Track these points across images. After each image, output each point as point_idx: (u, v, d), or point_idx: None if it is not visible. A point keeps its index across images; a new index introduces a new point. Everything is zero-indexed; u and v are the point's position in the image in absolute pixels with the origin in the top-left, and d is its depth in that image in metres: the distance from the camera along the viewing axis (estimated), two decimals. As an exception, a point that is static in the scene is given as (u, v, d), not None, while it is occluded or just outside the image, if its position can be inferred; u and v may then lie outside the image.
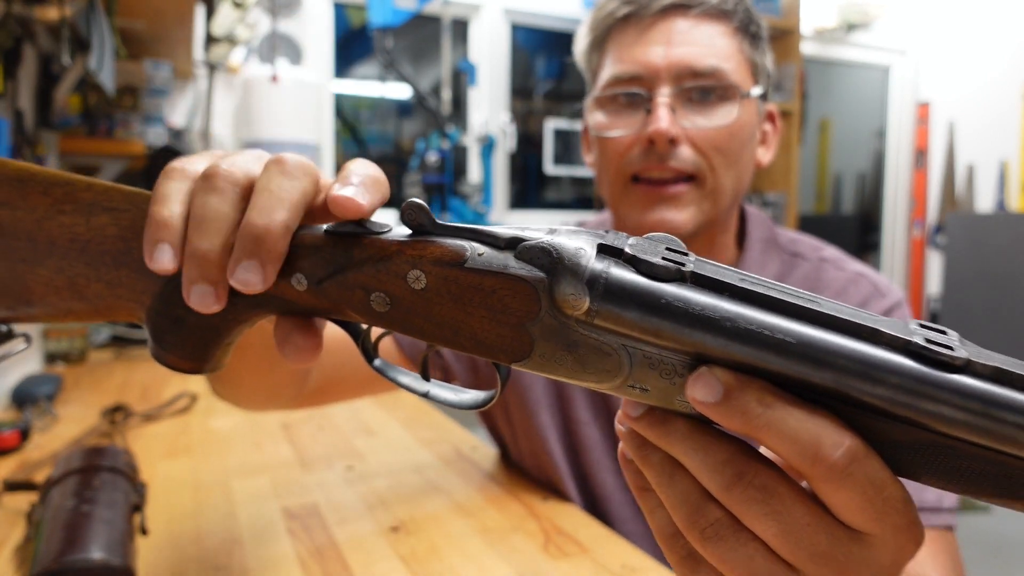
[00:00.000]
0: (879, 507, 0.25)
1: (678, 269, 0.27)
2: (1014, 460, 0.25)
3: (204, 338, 0.35)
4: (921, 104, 4.46)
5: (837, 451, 0.25)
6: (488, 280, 0.29)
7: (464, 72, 3.36)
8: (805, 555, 0.26)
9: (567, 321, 0.28)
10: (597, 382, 0.29)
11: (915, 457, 0.26)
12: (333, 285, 0.32)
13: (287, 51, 2.98)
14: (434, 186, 3.12)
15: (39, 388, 1.19)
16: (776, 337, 0.26)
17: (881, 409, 0.25)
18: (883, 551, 0.27)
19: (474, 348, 0.31)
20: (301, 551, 0.69)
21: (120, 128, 2.20)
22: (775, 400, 0.25)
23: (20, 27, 1.37)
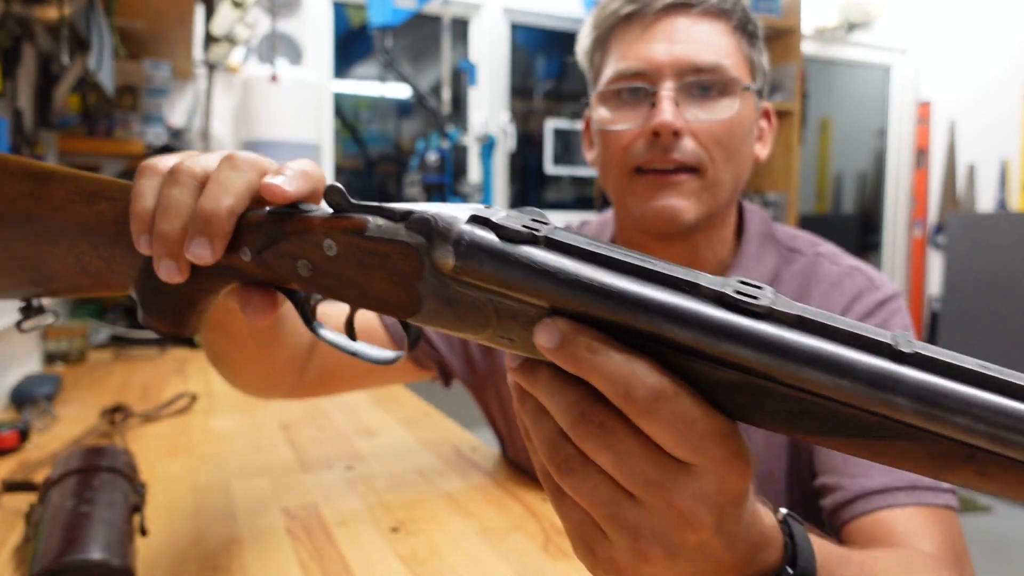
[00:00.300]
0: (693, 440, 0.29)
1: (531, 233, 0.31)
2: (817, 399, 0.27)
3: (179, 305, 0.43)
4: (922, 103, 4.46)
5: (642, 390, 0.28)
6: (384, 246, 0.35)
7: (464, 72, 3.36)
8: (638, 482, 0.30)
9: (444, 279, 0.33)
10: (474, 333, 0.33)
11: (738, 398, 0.29)
12: (270, 255, 0.39)
13: (287, 51, 2.98)
14: (434, 186, 3.12)
15: (38, 388, 1.19)
16: (604, 288, 0.29)
17: (692, 350, 0.28)
18: (707, 480, 0.30)
19: (377, 306, 0.36)
20: (301, 551, 0.69)
21: (119, 128, 2.20)
22: (601, 345, 0.29)
23: (19, 27, 1.37)
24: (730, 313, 0.28)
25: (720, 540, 0.32)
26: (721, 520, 0.31)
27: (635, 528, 0.31)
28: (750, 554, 0.35)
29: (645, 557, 0.31)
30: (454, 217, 0.33)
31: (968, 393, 0.26)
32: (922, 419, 0.26)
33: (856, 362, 0.27)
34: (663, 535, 0.31)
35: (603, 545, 0.32)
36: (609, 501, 0.31)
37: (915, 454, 0.27)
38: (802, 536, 0.38)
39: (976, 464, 0.26)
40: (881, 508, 0.63)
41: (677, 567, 0.32)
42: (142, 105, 2.31)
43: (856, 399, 0.27)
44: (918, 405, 0.26)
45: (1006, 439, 0.25)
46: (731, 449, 0.29)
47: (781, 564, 0.36)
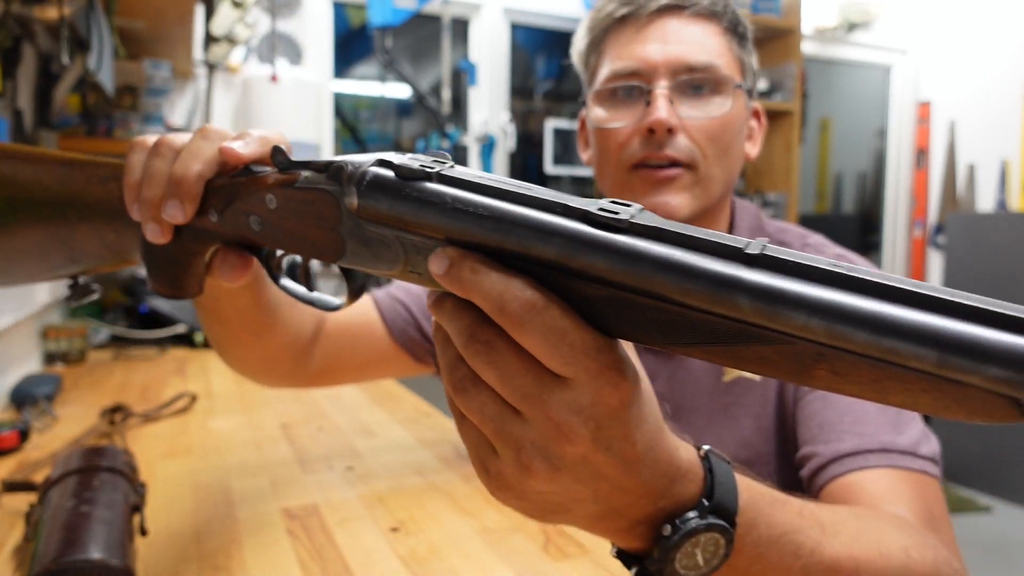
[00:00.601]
0: (565, 352, 0.30)
1: (424, 171, 0.33)
2: (673, 307, 0.28)
3: (173, 269, 0.49)
4: (922, 103, 4.46)
5: (514, 303, 0.30)
6: (310, 195, 0.39)
7: (464, 72, 3.36)
8: (519, 396, 0.32)
9: (357, 220, 0.36)
10: (389, 270, 0.36)
11: (608, 312, 0.30)
12: (229, 213, 0.44)
13: (287, 51, 2.98)
14: (434, 186, 3.12)
15: (38, 388, 1.19)
16: (477, 211, 0.31)
17: (559, 265, 0.30)
18: (581, 392, 0.31)
19: (312, 252, 0.40)
20: (301, 551, 0.68)
21: (119, 128, 2.20)
22: (482, 267, 0.31)
23: (19, 27, 1.36)
24: (591, 228, 0.29)
25: (606, 457, 0.32)
26: (598, 433, 0.32)
27: (518, 441, 0.32)
28: (661, 484, 0.36)
29: (528, 470, 0.33)
30: (363, 162, 0.36)
31: (805, 290, 0.26)
32: (764, 318, 0.26)
33: (701, 265, 0.28)
34: (543, 447, 0.32)
35: (494, 461, 0.34)
36: (496, 416, 0.33)
37: (773, 358, 0.27)
38: (724, 472, 0.38)
39: (828, 363, 0.26)
40: (852, 470, 0.63)
41: (561, 481, 0.33)
42: (142, 105, 2.31)
43: (703, 302, 0.27)
44: (758, 303, 0.26)
45: (841, 332, 0.25)
46: (604, 362, 0.31)
47: (699, 497, 0.37)
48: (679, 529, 0.36)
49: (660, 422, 0.35)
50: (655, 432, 0.34)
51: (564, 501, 0.35)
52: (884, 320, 0.25)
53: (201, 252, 0.48)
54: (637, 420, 0.33)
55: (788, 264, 0.27)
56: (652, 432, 0.34)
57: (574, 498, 0.34)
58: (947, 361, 0.24)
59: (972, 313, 0.24)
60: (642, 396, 0.33)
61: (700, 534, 0.37)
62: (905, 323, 0.24)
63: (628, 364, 0.32)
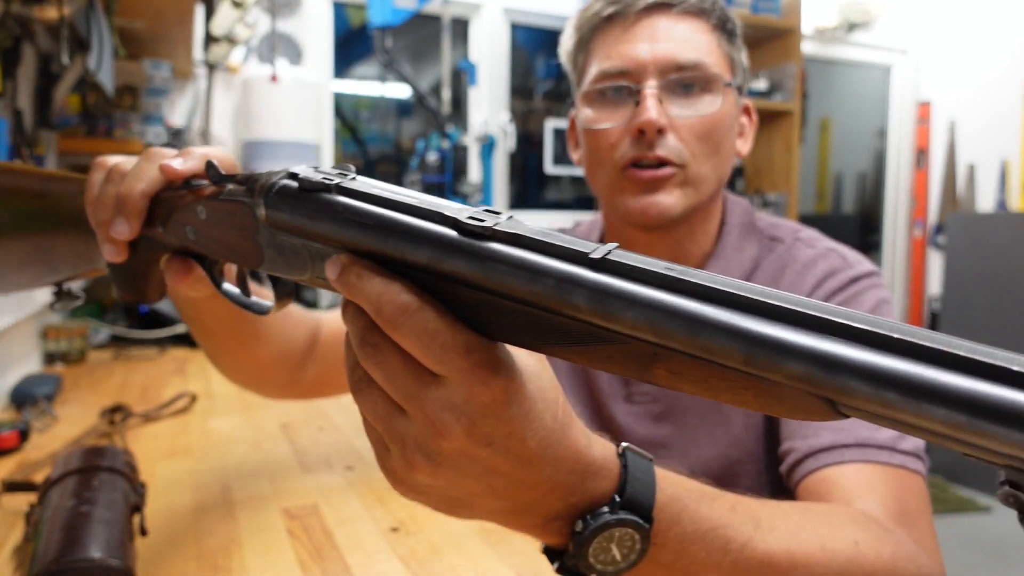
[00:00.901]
0: (437, 352, 0.31)
1: (323, 182, 0.35)
2: (532, 309, 0.30)
3: (133, 277, 0.53)
4: (922, 103, 4.46)
5: (389, 306, 0.32)
6: (231, 206, 0.42)
7: (464, 72, 3.36)
8: (401, 395, 0.33)
9: (269, 229, 0.38)
10: (300, 276, 0.38)
11: (481, 314, 0.32)
12: (171, 224, 0.47)
13: (287, 51, 2.98)
14: (434, 186, 3.12)
15: (38, 388, 1.19)
16: (359, 219, 0.33)
17: (430, 269, 0.32)
18: (454, 390, 0.32)
19: (237, 259, 0.42)
20: (301, 551, 0.69)
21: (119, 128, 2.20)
22: (367, 272, 0.32)
23: (19, 27, 1.37)
24: (458, 234, 0.31)
25: (490, 452, 0.33)
26: (472, 429, 0.32)
27: (403, 438, 0.34)
28: (571, 480, 0.36)
29: (412, 465, 0.34)
30: (275, 174, 0.38)
31: (634, 290, 0.28)
32: (600, 317, 0.28)
33: (546, 267, 0.29)
34: (423, 443, 0.33)
35: (387, 457, 0.36)
36: (385, 415, 0.34)
37: (618, 357, 0.29)
38: (641, 469, 0.39)
39: (663, 363, 0.28)
40: (828, 465, 0.63)
41: (445, 476, 0.34)
42: (142, 105, 2.31)
43: (550, 302, 0.29)
44: (593, 304, 0.28)
45: (664, 330, 0.27)
46: (475, 361, 0.32)
47: (613, 493, 0.38)
48: (590, 524, 0.37)
49: (563, 420, 0.36)
50: (555, 430, 0.35)
51: (462, 495, 0.36)
52: (699, 319, 0.26)
53: (156, 261, 0.51)
54: (522, 418, 0.33)
55: (625, 267, 0.28)
56: (549, 430, 0.35)
57: (470, 492, 0.35)
58: (753, 358, 0.25)
59: (780, 314, 0.25)
60: (527, 395, 0.34)
61: (613, 529, 0.37)
62: (717, 322, 0.26)
63: (503, 364, 0.33)
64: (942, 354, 0.23)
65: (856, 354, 0.24)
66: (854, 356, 0.24)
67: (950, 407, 0.22)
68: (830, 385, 0.24)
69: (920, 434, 0.23)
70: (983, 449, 0.22)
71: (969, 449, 0.23)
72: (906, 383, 0.23)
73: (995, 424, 0.21)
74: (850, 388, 0.24)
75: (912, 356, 0.23)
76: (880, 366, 0.23)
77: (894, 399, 0.23)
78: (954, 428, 0.22)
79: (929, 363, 0.23)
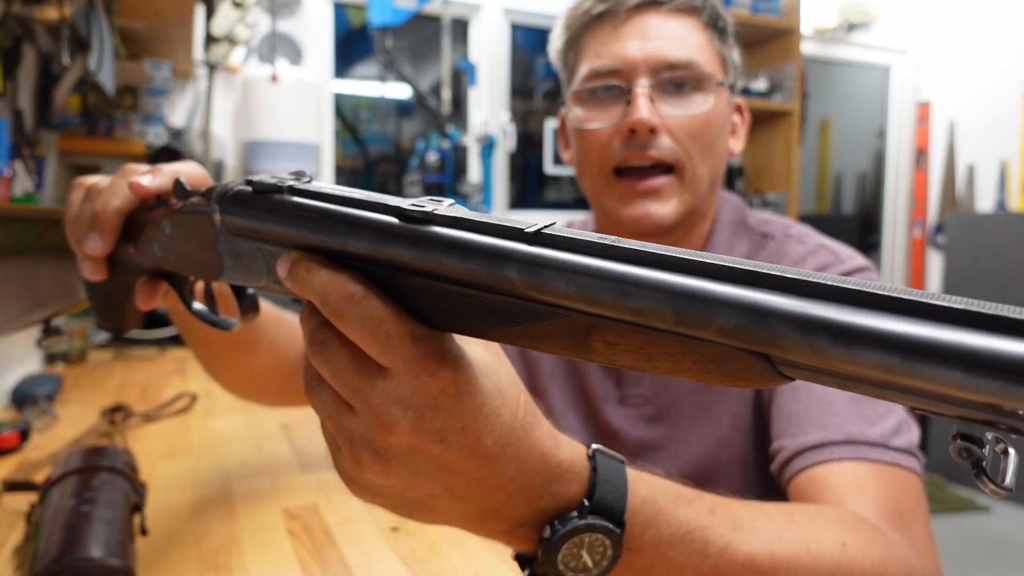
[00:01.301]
0: (381, 340, 0.31)
1: (276, 185, 0.35)
2: (469, 291, 0.29)
3: (110, 303, 0.53)
4: (921, 104, 4.46)
5: (335, 295, 0.31)
6: (192, 217, 0.42)
7: (464, 72, 3.36)
8: (348, 390, 0.33)
9: (227, 236, 0.39)
10: (257, 282, 0.38)
11: (423, 301, 0.31)
12: (141, 243, 0.48)
13: (287, 51, 2.98)
14: (434, 186, 3.12)
15: (39, 388, 1.19)
16: (302, 214, 0.33)
17: (372, 259, 0.31)
18: (400, 382, 0.31)
19: (199, 271, 0.43)
20: (301, 551, 0.69)
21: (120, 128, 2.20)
22: (315, 266, 0.32)
23: (20, 27, 1.37)
24: (398, 221, 0.31)
25: (442, 449, 0.32)
26: (420, 423, 0.32)
27: (351, 435, 0.33)
28: (535, 483, 0.35)
29: (360, 462, 0.33)
30: (232, 183, 0.38)
31: (566, 258, 0.27)
32: (534, 290, 0.28)
33: (478, 243, 0.29)
34: (370, 439, 0.33)
35: (338, 456, 0.35)
36: (335, 413, 0.34)
37: (557, 334, 0.28)
38: (612, 472, 0.37)
39: (599, 334, 0.27)
40: (817, 463, 0.61)
41: (396, 474, 0.33)
42: (142, 105, 2.31)
43: (484, 278, 0.29)
44: (525, 276, 0.28)
45: (594, 297, 0.26)
46: (421, 351, 0.31)
47: (581, 497, 0.37)
48: (558, 530, 0.36)
49: (524, 419, 0.34)
50: (514, 428, 0.34)
51: (420, 497, 0.34)
52: (626, 280, 0.26)
53: (130, 284, 0.51)
54: (475, 413, 0.32)
55: (558, 239, 0.28)
56: (508, 427, 0.34)
57: (428, 493, 0.34)
58: (682, 316, 0.25)
59: (708, 270, 0.25)
60: (480, 389, 0.33)
61: (583, 534, 0.36)
62: (644, 280, 0.25)
63: (451, 355, 0.32)
64: (874, 297, 0.22)
65: (784, 302, 0.23)
66: (782, 303, 0.23)
67: (882, 349, 0.21)
68: (762, 336, 0.23)
69: (858, 387, 0.23)
70: (924, 397, 0.21)
71: (913, 400, 0.22)
72: (835, 327, 0.22)
73: (930, 364, 0.20)
74: (781, 338, 0.23)
75: (842, 301, 0.22)
76: (809, 312, 0.23)
77: (825, 345, 0.22)
78: (888, 371, 0.21)
79: (860, 307, 0.22)
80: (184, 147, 2.50)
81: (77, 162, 2.22)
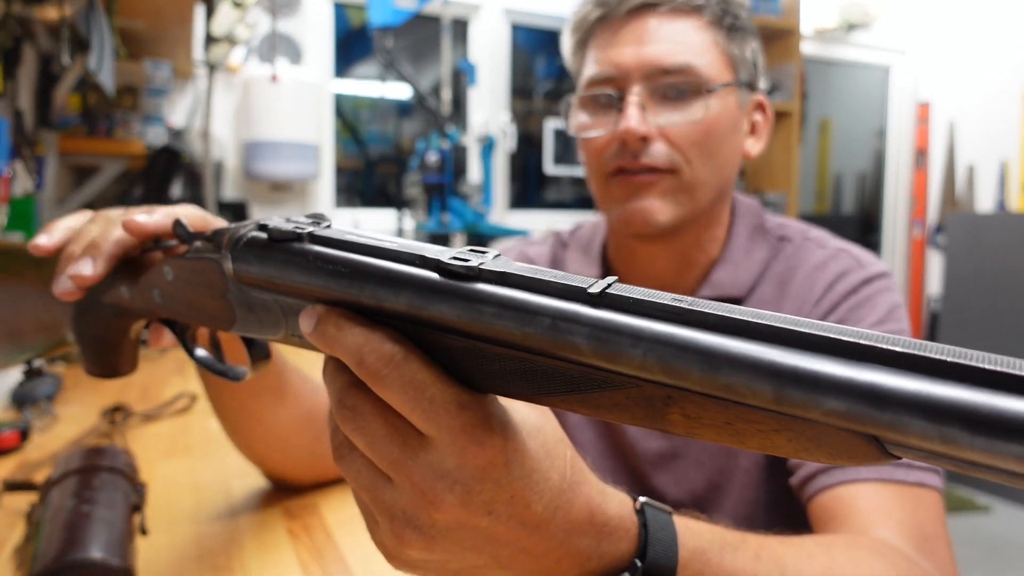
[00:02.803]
0: (425, 407, 0.29)
1: (294, 231, 0.33)
2: (524, 355, 0.27)
3: (102, 348, 0.49)
4: (921, 104, 4.46)
5: (372, 356, 0.29)
6: (199, 264, 0.39)
7: (464, 72, 3.36)
8: (386, 463, 0.30)
9: (240, 286, 0.36)
10: (273, 335, 0.36)
11: (468, 364, 0.29)
12: (136, 289, 0.44)
13: (287, 51, 2.98)
14: (434, 186, 3.12)
15: (39, 388, 1.19)
16: (336, 268, 0.31)
17: (413, 317, 0.29)
18: (445, 453, 0.29)
19: (207, 321, 0.40)
20: (301, 551, 0.69)
21: (120, 128, 2.20)
22: (345, 322, 0.30)
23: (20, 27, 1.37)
24: (440, 277, 0.29)
25: (491, 521, 0.30)
26: (468, 497, 0.29)
27: (391, 510, 0.31)
28: (584, 544, 0.33)
29: (402, 539, 0.31)
30: (243, 227, 0.35)
31: (640, 325, 0.25)
32: (603, 359, 0.25)
33: (538, 306, 0.26)
34: (413, 516, 0.31)
35: (376, 530, 0.33)
36: (370, 485, 0.32)
37: (625, 404, 0.26)
38: (662, 526, 0.36)
39: (678, 406, 0.25)
40: (842, 483, 0.60)
41: (442, 549, 0.31)
42: (142, 105, 2.31)
43: (545, 345, 0.26)
44: (595, 344, 0.25)
45: (676, 369, 0.24)
46: (467, 419, 0.29)
47: (632, 556, 0.35)
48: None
49: (572, 478, 0.33)
50: (563, 490, 0.32)
51: (462, 568, 0.32)
52: (717, 354, 0.23)
53: (125, 330, 0.48)
54: (525, 480, 0.30)
55: (628, 301, 0.25)
56: (557, 490, 0.32)
57: (472, 564, 0.32)
58: (784, 395, 0.22)
59: (809, 342, 0.22)
60: (529, 454, 0.31)
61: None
62: (738, 356, 0.23)
63: (499, 420, 0.30)
64: (1013, 378, 0.19)
65: (907, 383, 0.20)
66: (903, 386, 0.20)
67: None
68: (878, 421, 0.21)
69: (991, 474, 0.20)
70: None
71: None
72: (971, 415, 0.19)
73: None
74: (903, 424, 0.20)
75: (975, 382, 0.20)
76: (939, 395, 0.20)
77: (958, 434, 0.19)
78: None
79: (996, 389, 0.19)
80: (184, 147, 2.50)
81: (77, 162, 2.22)
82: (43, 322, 0.52)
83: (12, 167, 1.35)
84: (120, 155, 2.26)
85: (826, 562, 0.44)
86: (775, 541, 0.43)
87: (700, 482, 0.77)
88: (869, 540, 0.53)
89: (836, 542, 0.50)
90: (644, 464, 0.79)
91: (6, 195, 1.30)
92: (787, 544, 0.44)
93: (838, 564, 0.45)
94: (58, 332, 0.52)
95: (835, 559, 0.45)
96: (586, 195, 3.92)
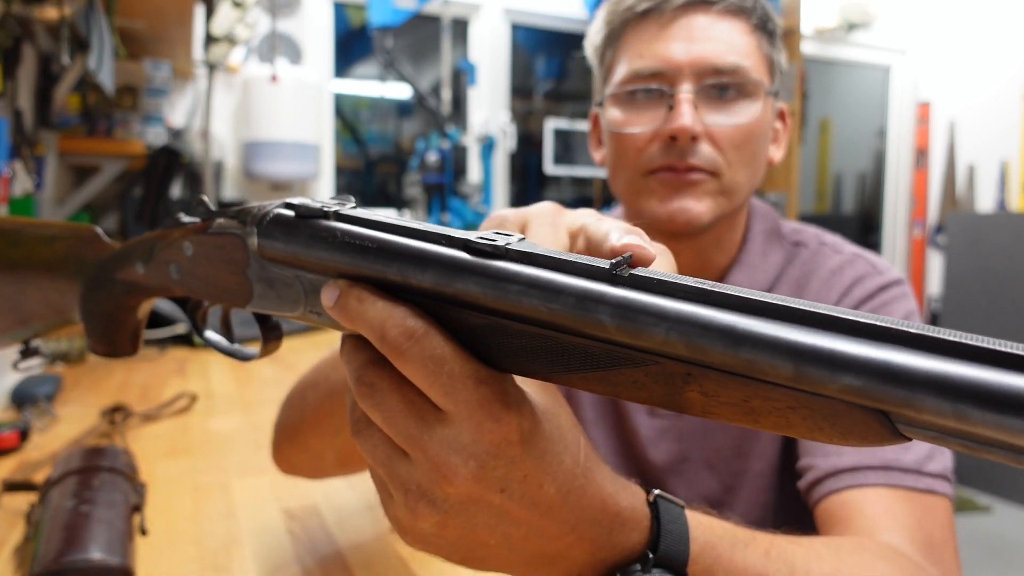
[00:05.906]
0: (444, 381, 0.29)
1: (321, 210, 0.33)
2: (545, 331, 0.28)
3: (108, 326, 0.49)
4: (921, 104, 4.46)
5: (394, 330, 0.29)
6: (220, 239, 0.39)
7: (464, 72, 3.36)
8: (403, 437, 0.31)
9: (262, 261, 0.37)
10: (292, 311, 0.36)
11: (488, 340, 0.29)
12: (153, 264, 0.44)
13: (287, 51, 2.98)
14: (434, 186, 3.12)
15: (39, 388, 1.19)
16: (360, 243, 0.32)
17: (437, 294, 0.30)
18: (461, 428, 0.30)
19: (223, 297, 0.40)
20: (301, 552, 0.69)
21: (120, 128, 2.20)
22: (368, 295, 0.30)
23: (20, 27, 1.37)
24: (467, 255, 0.29)
25: (503, 499, 0.31)
26: (482, 472, 0.30)
27: (405, 484, 0.32)
28: (596, 532, 0.33)
29: (415, 513, 0.32)
30: (268, 204, 0.36)
31: (665, 304, 0.26)
32: (627, 335, 0.26)
33: (565, 284, 0.27)
34: (427, 490, 0.31)
35: (390, 504, 0.34)
36: (386, 459, 0.32)
37: (645, 381, 0.27)
38: (674, 519, 0.36)
39: (697, 383, 0.26)
40: (850, 487, 0.60)
41: (454, 525, 0.32)
42: (142, 105, 2.31)
43: (569, 320, 0.27)
44: (619, 320, 0.26)
45: (700, 345, 0.25)
46: (484, 394, 0.29)
47: (644, 547, 0.35)
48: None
49: (586, 464, 0.33)
50: (576, 475, 0.32)
51: (474, 546, 0.33)
52: (740, 331, 0.24)
53: (133, 307, 0.49)
54: (538, 460, 0.31)
55: (651, 282, 0.26)
56: (570, 474, 0.32)
57: (483, 542, 0.33)
58: (803, 372, 0.23)
59: (827, 323, 0.24)
60: (543, 434, 0.31)
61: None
62: (760, 334, 0.24)
63: (516, 398, 0.30)
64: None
65: (922, 361, 0.21)
66: (920, 363, 0.21)
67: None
68: (894, 397, 0.22)
69: (1000, 454, 0.21)
70: None
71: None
72: (985, 391, 0.20)
73: None
74: (918, 400, 0.21)
75: (986, 362, 0.21)
76: (953, 372, 0.21)
77: (971, 410, 0.20)
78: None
79: (1011, 369, 0.20)
80: (184, 147, 2.50)
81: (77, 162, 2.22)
82: (50, 300, 0.52)
83: (12, 167, 1.35)
84: (120, 155, 2.26)
85: (834, 563, 0.44)
86: (785, 540, 0.43)
87: (712, 487, 0.76)
88: (876, 543, 0.53)
89: (844, 544, 0.50)
90: (655, 468, 0.79)
91: (6, 195, 1.30)
92: (796, 544, 0.44)
93: (846, 565, 0.45)
94: (64, 310, 0.52)
95: (843, 560, 0.46)
96: (586, 195, 3.92)
